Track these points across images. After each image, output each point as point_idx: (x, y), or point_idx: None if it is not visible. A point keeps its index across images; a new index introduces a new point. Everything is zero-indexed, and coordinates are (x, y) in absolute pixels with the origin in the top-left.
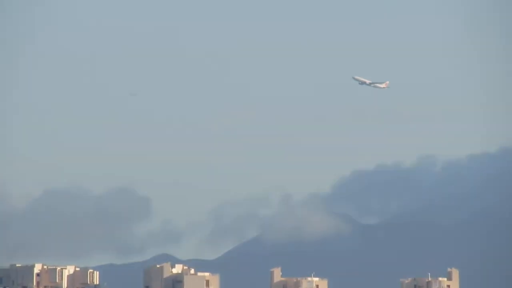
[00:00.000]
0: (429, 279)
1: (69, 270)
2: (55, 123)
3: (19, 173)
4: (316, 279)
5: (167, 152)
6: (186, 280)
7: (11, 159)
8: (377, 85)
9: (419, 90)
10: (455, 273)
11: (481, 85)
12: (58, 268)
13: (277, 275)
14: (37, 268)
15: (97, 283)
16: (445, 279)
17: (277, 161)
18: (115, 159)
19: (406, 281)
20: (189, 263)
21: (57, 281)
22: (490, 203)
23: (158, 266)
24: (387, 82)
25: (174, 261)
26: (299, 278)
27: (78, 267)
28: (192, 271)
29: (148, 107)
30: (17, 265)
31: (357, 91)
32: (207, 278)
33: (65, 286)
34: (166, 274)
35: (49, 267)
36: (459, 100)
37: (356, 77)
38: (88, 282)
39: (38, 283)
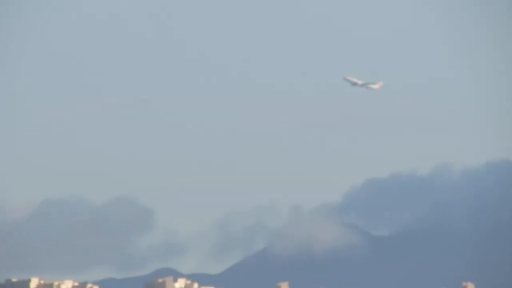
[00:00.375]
0: None
1: (67, 285)
2: (54, 131)
3: (16, 182)
4: None
5: (170, 161)
6: None
7: (8, 167)
8: (370, 86)
9: (435, 93)
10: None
11: (500, 89)
12: (55, 283)
13: None
14: (34, 283)
15: None
16: None
17: (286, 170)
18: (116, 167)
19: None
20: (192, 277)
21: None
22: (510, 214)
23: (160, 280)
24: (381, 83)
25: (177, 275)
26: None
27: (76, 281)
28: (196, 285)
29: (150, 114)
30: (12, 279)
31: (368, 95)
32: None
33: None
34: None
35: (46, 282)
36: (477, 104)
37: (348, 77)
38: None
39: None
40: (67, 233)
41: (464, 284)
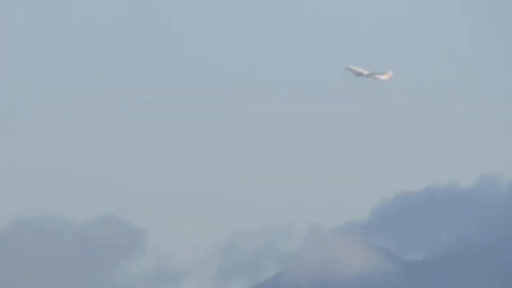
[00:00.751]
0: None
1: None
2: (26, 135)
3: None
4: None
5: (164, 173)
6: None
7: None
8: (378, 76)
9: (474, 88)
10: None
11: None
12: None
13: None
14: None
15: None
16: None
17: (301, 182)
18: (101, 179)
19: None
20: None
21: None
22: None
23: None
24: (390, 72)
25: None
26: None
27: None
28: None
29: (147, 116)
30: None
31: (386, 91)
32: None
33: None
34: None
35: None
36: None
37: (351, 67)
38: None
39: None
40: (43, 258)
41: None
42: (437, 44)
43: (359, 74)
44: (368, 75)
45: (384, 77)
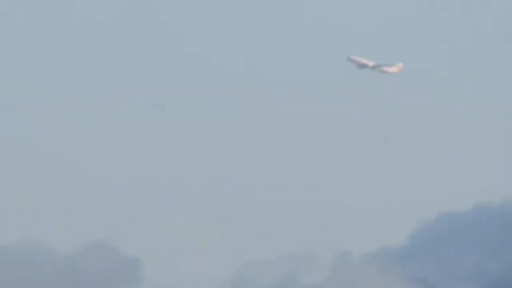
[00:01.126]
0: None
1: None
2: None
3: None
4: None
5: (162, 187)
6: None
7: None
8: (385, 68)
9: None
10: None
11: None
12: None
13: None
14: None
15: None
16: None
17: (327, 202)
18: (89, 201)
19: None
20: None
21: None
22: None
23: None
24: (400, 64)
25: None
26: None
27: None
28: None
29: (141, 119)
30: None
31: (410, 90)
32: None
33: None
34: None
35: None
36: None
37: (353, 57)
38: None
39: None
40: None
41: None
42: (438, 43)
43: (362, 66)
44: (373, 67)
45: (392, 69)
